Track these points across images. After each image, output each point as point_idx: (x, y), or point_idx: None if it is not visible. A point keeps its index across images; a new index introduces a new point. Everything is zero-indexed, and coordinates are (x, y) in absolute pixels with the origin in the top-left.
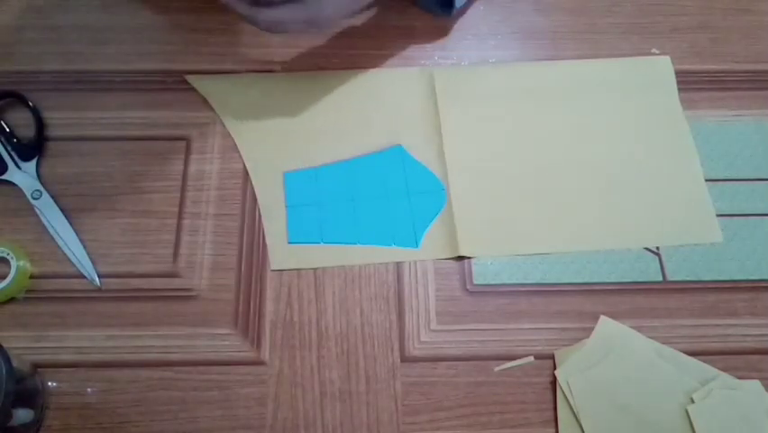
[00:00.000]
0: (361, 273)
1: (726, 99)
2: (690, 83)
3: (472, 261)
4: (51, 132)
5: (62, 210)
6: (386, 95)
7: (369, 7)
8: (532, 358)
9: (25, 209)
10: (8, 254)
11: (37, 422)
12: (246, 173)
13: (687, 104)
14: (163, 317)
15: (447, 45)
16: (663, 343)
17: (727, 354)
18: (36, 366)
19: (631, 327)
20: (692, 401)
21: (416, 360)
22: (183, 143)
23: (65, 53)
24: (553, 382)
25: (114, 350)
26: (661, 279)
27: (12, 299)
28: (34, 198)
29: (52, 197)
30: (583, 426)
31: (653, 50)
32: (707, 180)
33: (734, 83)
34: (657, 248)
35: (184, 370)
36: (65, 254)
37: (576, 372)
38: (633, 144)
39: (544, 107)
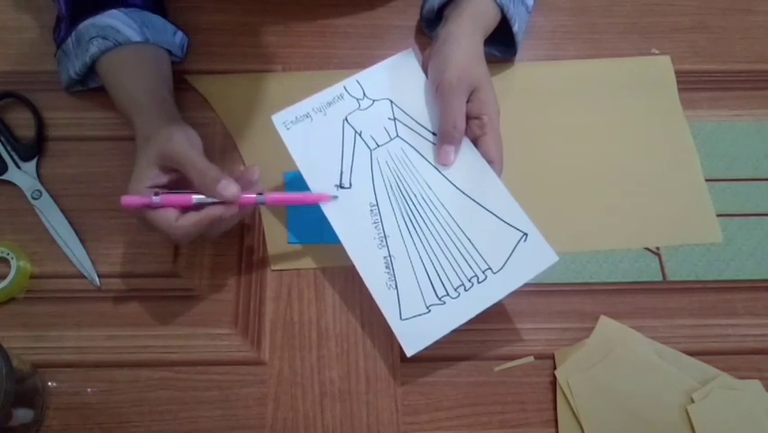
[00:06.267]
0: None
1: (726, 99)
2: (690, 83)
3: None
4: (51, 132)
5: (62, 210)
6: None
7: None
8: (532, 358)
9: (25, 209)
10: (8, 254)
11: (37, 422)
12: None
13: (687, 104)
14: (163, 317)
15: None
16: (664, 343)
17: (727, 354)
18: (36, 366)
19: (631, 327)
20: (692, 401)
21: (415, 360)
22: None
23: None
24: (553, 382)
25: (114, 350)
26: (661, 279)
27: (12, 299)
28: (34, 198)
29: (52, 197)
30: (583, 426)
31: (653, 50)
32: (707, 180)
33: (734, 83)
34: (657, 248)
35: (184, 370)
36: (65, 254)
37: (576, 372)
38: (633, 144)
39: (544, 107)
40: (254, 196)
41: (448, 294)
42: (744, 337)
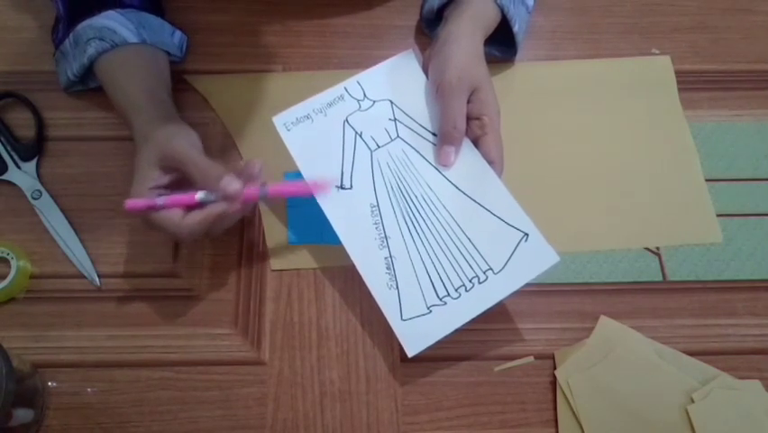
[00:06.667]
0: None
1: (726, 99)
2: (690, 83)
3: None
4: (51, 132)
5: (62, 210)
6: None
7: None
8: (532, 358)
9: (25, 209)
10: (8, 254)
11: (37, 422)
12: None
13: (687, 104)
14: (163, 317)
15: None
16: (664, 343)
17: (727, 354)
18: (36, 366)
19: (631, 327)
20: (692, 401)
21: (416, 360)
22: None
23: None
24: (553, 382)
25: (114, 350)
26: (661, 279)
27: (12, 299)
28: (34, 198)
29: (52, 197)
30: (583, 426)
31: (653, 50)
32: (707, 180)
33: (734, 83)
34: (657, 248)
35: (184, 370)
36: (65, 254)
37: (576, 372)
38: (633, 144)
39: (544, 107)
40: (257, 190)
41: (449, 294)
42: (744, 337)
